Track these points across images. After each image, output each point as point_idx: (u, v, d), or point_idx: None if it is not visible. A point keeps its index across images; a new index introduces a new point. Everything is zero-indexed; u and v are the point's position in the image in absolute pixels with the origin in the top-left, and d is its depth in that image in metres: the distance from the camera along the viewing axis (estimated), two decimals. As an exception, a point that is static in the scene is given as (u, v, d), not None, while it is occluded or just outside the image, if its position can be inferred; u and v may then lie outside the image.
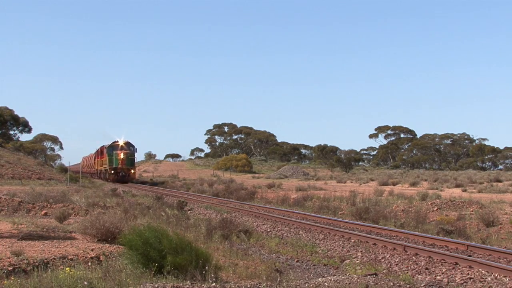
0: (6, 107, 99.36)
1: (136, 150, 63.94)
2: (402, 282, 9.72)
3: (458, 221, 19.66)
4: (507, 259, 12.70)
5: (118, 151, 61.22)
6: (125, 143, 62.28)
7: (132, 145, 62.98)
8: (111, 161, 61.62)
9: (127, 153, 61.12)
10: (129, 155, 61.52)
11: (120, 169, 60.75)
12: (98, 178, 73.65)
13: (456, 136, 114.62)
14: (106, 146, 65.16)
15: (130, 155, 61.97)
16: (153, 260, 9.99)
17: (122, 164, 60.52)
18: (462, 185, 47.53)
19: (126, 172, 60.91)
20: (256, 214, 23.24)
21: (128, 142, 62.38)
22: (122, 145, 61.69)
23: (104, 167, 66.01)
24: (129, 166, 61.37)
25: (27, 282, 9.10)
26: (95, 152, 76.74)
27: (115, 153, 61.10)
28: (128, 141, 62.54)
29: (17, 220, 17.38)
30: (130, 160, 61.88)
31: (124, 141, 62.37)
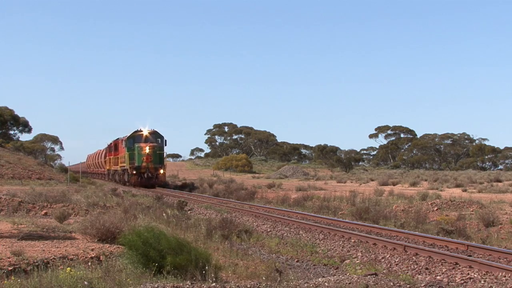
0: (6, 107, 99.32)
1: (166, 142, 48.50)
2: (402, 282, 9.72)
3: (458, 221, 19.66)
4: (507, 259, 12.70)
5: (142, 143, 46.49)
6: (151, 132, 47.81)
7: (160, 136, 48.26)
8: (132, 158, 46.70)
9: (154, 147, 46.24)
10: (157, 149, 46.51)
11: (144, 168, 46.00)
12: (110, 180, 59.52)
13: (456, 136, 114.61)
14: (123, 138, 50.54)
15: (159, 149, 46.87)
16: (153, 260, 9.99)
17: (147, 161, 45.90)
18: (462, 185, 47.52)
19: (153, 173, 46.13)
20: (256, 214, 23.24)
21: (155, 132, 48.03)
22: (147, 135, 47.31)
23: (121, 166, 51.33)
24: (157, 164, 46.36)
25: (27, 282, 9.10)
26: (106, 148, 62.57)
27: (137, 146, 46.21)
28: (155, 130, 48.18)
29: (17, 220, 17.37)
30: (159, 156, 46.73)
31: (150, 130, 47.95)
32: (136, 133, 47.89)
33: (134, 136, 47.83)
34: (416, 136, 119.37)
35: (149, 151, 45.85)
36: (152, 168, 46.22)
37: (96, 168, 77.45)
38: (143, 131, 47.80)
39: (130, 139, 47.75)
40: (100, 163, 71.14)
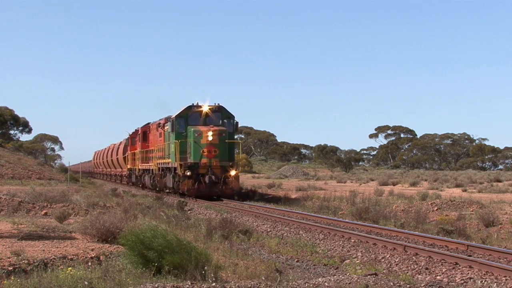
0: (6, 107, 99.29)
1: (237, 126, 32.58)
2: (402, 282, 9.72)
3: (458, 221, 19.65)
4: (507, 259, 12.70)
5: (200, 126, 30.62)
6: (216, 109, 31.70)
7: (229, 115, 32.06)
8: (183, 151, 30.80)
9: (222, 132, 30.31)
10: (226, 135, 30.53)
11: (205, 167, 29.93)
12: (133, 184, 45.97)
13: (456, 136, 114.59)
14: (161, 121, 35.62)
15: (228, 136, 30.84)
16: (152, 260, 9.99)
17: (210, 155, 29.94)
18: (462, 185, 47.52)
19: (220, 175, 29.98)
20: (256, 214, 23.24)
21: (221, 108, 31.89)
22: (207, 112, 31.29)
23: (159, 163, 35.53)
24: (225, 160, 30.28)
25: (27, 282, 9.10)
26: (126, 140, 48.15)
27: (193, 131, 30.19)
28: (221, 105, 32.00)
29: (17, 220, 17.37)
30: (228, 147, 30.73)
31: (213, 105, 31.72)
32: (191, 110, 31.36)
33: (186, 114, 31.22)
34: (416, 136, 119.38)
35: (213, 138, 29.67)
36: (217, 168, 29.91)
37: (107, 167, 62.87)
38: (203, 106, 31.20)
39: (180, 118, 31.29)
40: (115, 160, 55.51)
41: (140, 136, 42.63)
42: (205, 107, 31.47)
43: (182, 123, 31.44)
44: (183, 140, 30.88)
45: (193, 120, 31.41)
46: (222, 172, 30.11)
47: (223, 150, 30.27)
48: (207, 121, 31.25)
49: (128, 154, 47.89)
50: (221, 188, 30.08)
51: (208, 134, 29.86)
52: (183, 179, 30.51)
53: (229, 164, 30.41)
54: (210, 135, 29.85)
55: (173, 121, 31.69)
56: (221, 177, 30.04)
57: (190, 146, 30.52)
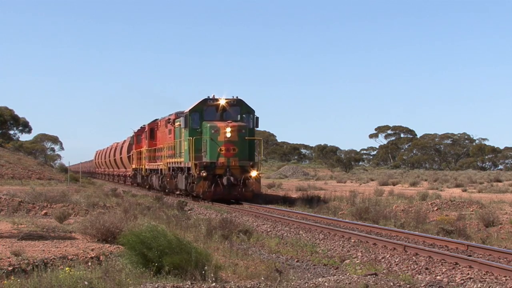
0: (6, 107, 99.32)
1: (258, 121, 29.48)
2: (402, 282, 9.72)
3: (458, 221, 19.65)
4: (507, 259, 12.70)
5: (217, 121, 27.94)
6: (234, 102, 28.91)
7: (248, 109, 29.21)
8: (198, 149, 27.95)
9: (241, 128, 27.71)
10: (246, 131, 28.01)
11: (223, 166, 27.32)
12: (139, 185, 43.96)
13: (456, 136, 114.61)
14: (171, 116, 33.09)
15: (249, 133, 28.43)
16: (151, 260, 9.99)
17: (228, 153, 27.29)
18: (462, 185, 47.55)
19: (239, 176, 27.34)
20: (256, 214, 23.23)
21: (239, 102, 29.05)
22: (224, 106, 28.55)
23: (169, 162, 32.84)
24: (245, 160, 27.67)
25: (27, 282, 9.11)
26: (131, 138, 45.48)
27: (209, 127, 27.53)
28: (240, 98, 29.10)
29: (17, 220, 17.38)
30: (249, 145, 28.25)
31: (231, 98, 28.99)
32: (206, 104, 28.49)
33: (201, 108, 28.46)
34: (416, 136, 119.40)
35: (232, 135, 26.99)
36: (236, 168, 27.22)
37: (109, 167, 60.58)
38: (219, 100, 28.40)
39: (195, 113, 28.45)
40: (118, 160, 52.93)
41: (147, 133, 39.84)
42: (222, 100, 28.59)
43: (196, 118, 28.63)
44: (198, 137, 28.00)
45: (209, 115, 28.54)
46: (242, 173, 27.41)
47: (242, 148, 27.65)
48: (225, 116, 28.40)
49: (133, 153, 44.97)
50: (240, 190, 27.43)
51: (226, 130, 27.14)
52: (197, 181, 27.65)
53: (250, 164, 27.74)
54: (228, 132, 27.10)
55: (187, 116, 28.72)
56: (240, 178, 27.36)
57: (205, 143, 27.81)
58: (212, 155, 27.53)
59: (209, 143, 27.59)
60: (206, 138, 27.71)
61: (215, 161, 27.44)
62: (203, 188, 27.58)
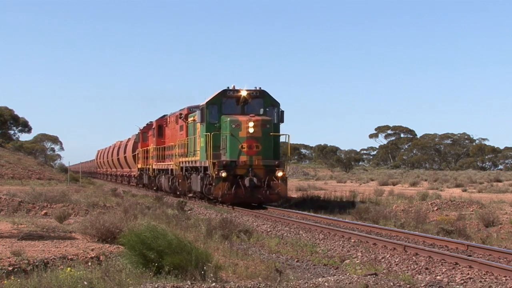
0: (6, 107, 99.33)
1: (283, 116, 26.37)
2: (402, 282, 9.72)
3: (458, 221, 19.66)
4: (507, 259, 12.70)
5: (238, 115, 25.20)
6: (256, 94, 26.02)
7: (273, 101, 26.31)
8: (216, 146, 25.28)
9: (265, 123, 24.88)
10: (270, 127, 25.08)
11: (245, 166, 24.60)
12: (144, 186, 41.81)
13: (456, 136, 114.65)
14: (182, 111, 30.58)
15: (274, 129, 25.54)
16: (152, 260, 9.99)
17: (251, 151, 24.61)
18: (462, 185, 47.59)
19: (263, 177, 24.60)
20: (256, 214, 23.21)
21: (263, 93, 26.12)
22: (245, 98, 25.72)
23: (184, 162, 29.53)
24: (269, 158, 24.93)
25: (27, 282, 9.11)
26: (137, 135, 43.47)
27: (229, 121, 24.79)
28: (263, 89, 26.16)
29: (17, 220, 17.39)
30: (274, 142, 25.61)
31: (253, 89, 26.08)
32: (225, 95, 25.66)
33: (220, 100, 25.63)
34: (416, 136, 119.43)
35: (255, 130, 24.31)
36: (260, 167, 24.57)
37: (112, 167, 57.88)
38: (240, 91, 25.54)
39: (212, 106, 25.67)
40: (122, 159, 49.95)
41: (155, 130, 36.87)
42: (244, 91, 25.61)
43: (214, 112, 25.67)
44: (216, 133, 25.16)
45: (229, 108, 25.64)
46: (266, 173, 24.61)
47: (267, 145, 24.82)
48: (246, 109, 25.60)
49: (138, 152, 42.25)
50: (265, 193, 24.51)
51: (248, 125, 24.22)
52: (216, 182, 24.58)
53: (275, 163, 24.92)
54: (251, 126, 24.25)
55: (203, 109, 25.69)
56: (264, 179, 24.54)
57: (225, 140, 24.96)
58: (232, 153, 24.69)
59: (229, 140, 24.69)
60: (226, 133, 24.88)
61: (236, 160, 24.61)
62: (222, 190, 24.54)
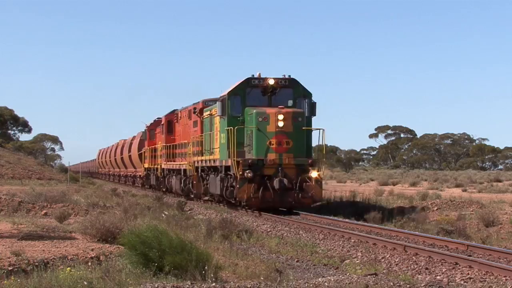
0: (6, 107, 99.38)
1: (315, 108, 23.28)
2: (402, 282, 9.72)
3: (458, 221, 19.65)
4: (507, 259, 12.70)
5: (265, 107, 22.27)
6: (286, 83, 23.02)
7: (304, 91, 23.19)
8: (240, 143, 22.21)
9: (297, 115, 21.98)
10: (302, 120, 22.17)
11: (273, 164, 21.53)
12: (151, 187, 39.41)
13: (456, 136, 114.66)
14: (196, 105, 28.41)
15: (306, 122, 22.66)
16: (152, 260, 10.00)
17: (281, 148, 21.59)
18: (462, 185, 47.60)
19: (295, 178, 21.55)
20: (256, 214, 23.21)
21: (293, 82, 23.13)
22: (273, 86, 22.73)
23: (200, 161, 26.86)
24: (301, 156, 21.93)
25: (27, 282, 9.11)
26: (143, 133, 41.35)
27: (256, 114, 21.80)
28: (293, 77, 23.18)
29: (17, 220, 17.40)
30: (306, 136, 22.66)
31: (282, 77, 23.11)
32: (249, 85, 22.82)
33: (243, 90, 22.84)
34: (416, 136, 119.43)
35: (285, 124, 21.50)
36: (291, 167, 21.64)
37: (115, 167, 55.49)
38: (267, 79, 22.61)
39: (235, 96, 22.77)
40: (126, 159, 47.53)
41: (164, 127, 34.16)
42: (271, 80, 22.57)
43: (237, 103, 22.71)
44: (240, 127, 22.20)
45: (254, 99, 22.70)
46: (298, 174, 21.56)
47: (299, 141, 21.81)
48: (274, 100, 22.57)
49: (145, 151, 39.51)
50: (296, 196, 21.49)
51: (278, 117, 21.35)
52: (240, 184, 21.46)
53: (308, 162, 21.90)
54: (280, 120, 21.35)
55: (225, 101, 22.71)
56: (296, 180, 21.45)
57: (250, 135, 21.99)
58: (259, 150, 21.64)
59: (256, 135, 21.67)
60: (251, 128, 21.82)
61: (263, 158, 21.54)
62: (248, 193, 21.32)
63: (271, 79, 22.74)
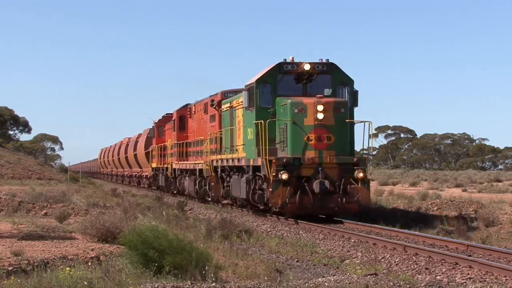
0: (6, 107, 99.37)
1: (357, 97, 20.45)
2: (402, 282, 9.72)
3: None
4: (507, 259, 12.70)
5: (302, 97, 19.32)
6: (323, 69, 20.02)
7: (345, 80, 20.37)
8: (271, 139, 19.21)
9: (338, 106, 19.10)
10: (344, 112, 19.16)
11: (312, 164, 18.51)
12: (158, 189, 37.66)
13: (456, 136, 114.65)
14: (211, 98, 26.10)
15: (350, 113, 19.84)
16: (152, 260, 10.00)
17: (321, 145, 18.68)
18: (462, 185, 47.58)
19: (338, 180, 18.57)
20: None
21: (332, 67, 20.20)
22: (309, 72, 19.73)
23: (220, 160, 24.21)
24: (345, 153, 19.16)
25: (27, 282, 9.11)
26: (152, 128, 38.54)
27: (290, 104, 18.94)
28: (331, 62, 20.26)
29: (17, 220, 17.41)
30: (350, 130, 19.85)
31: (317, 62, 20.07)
32: (281, 71, 20.12)
33: (274, 77, 20.12)
34: (416, 136, 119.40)
35: (326, 116, 18.79)
36: (334, 167, 18.88)
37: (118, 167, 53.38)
38: (302, 64, 19.86)
39: (264, 85, 20.08)
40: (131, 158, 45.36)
41: (175, 122, 31.57)
42: (306, 65, 19.73)
43: (267, 93, 19.99)
44: (272, 120, 19.50)
45: (286, 87, 19.93)
46: (341, 174, 18.74)
47: (342, 136, 19.12)
48: (309, 89, 19.84)
49: (153, 149, 37.12)
50: (340, 201, 18.63)
51: (317, 108, 18.61)
52: (274, 187, 18.47)
53: (353, 161, 19.10)
54: (320, 111, 18.60)
55: (253, 90, 19.97)
56: (339, 182, 18.67)
57: (284, 130, 19.27)
58: (295, 147, 18.91)
59: (291, 129, 18.96)
60: (285, 121, 19.13)
61: (301, 157, 18.71)
62: (283, 198, 18.42)
63: (307, 63, 19.80)
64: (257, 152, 19.68)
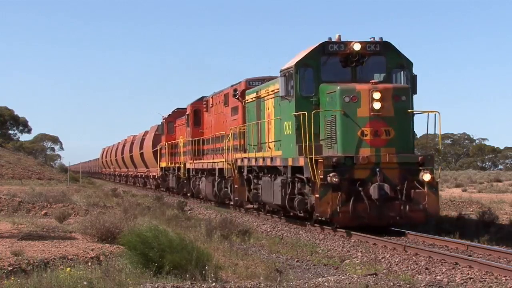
0: (6, 107, 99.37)
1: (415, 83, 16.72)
2: (402, 282, 9.72)
3: (458, 221, 19.63)
4: (507, 259, 12.70)
5: (352, 83, 15.92)
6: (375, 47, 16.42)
7: (402, 62, 16.63)
8: (315, 134, 15.75)
9: (398, 92, 15.56)
10: (405, 101, 15.53)
11: (368, 163, 15.12)
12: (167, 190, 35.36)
13: (456, 136, 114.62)
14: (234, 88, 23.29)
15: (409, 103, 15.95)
16: (152, 260, 10.00)
17: (378, 141, 15.29)
18: (462, 185, 47.57)
19: (399, 183, 15.22)
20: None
21: (386, 45, 16.62)
22: (359, 53, 16.23)
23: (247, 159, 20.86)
24: (408, 151, 15.79)
25: (27, 282, 9.11)
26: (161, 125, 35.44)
27: (340, 91, 15.45)
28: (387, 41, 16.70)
29: (17, 220, 17.41)
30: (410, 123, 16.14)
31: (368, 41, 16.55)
32: (326, 52, 16.60)
33: (317, 60, 16.66)
34: (416, 136, 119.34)
35: (383, 105, 15.35)
36: (394, 167, 15.55)
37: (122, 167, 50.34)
38: (350, 44, 16.39)
39: (305, 68, 16.69)
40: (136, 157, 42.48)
41: (190, 117, 28.66)
42: (356, 44, 16.39)
43: (308, 78, 16.76)
44: (317, 111, 16.28)
45: (332, 72, 16.63)
46: (403, 177, 15.62)
47: (403, 130, 15.97)
48: (360, 73, 16.66)
49: (162, 147, 34.29)
50: (403, 209, 15.53)
51: (373, 96, 15.33)
52: (322, 192, 15.38)
53: (418, 160, 15.85)
54: (377, 99, 15.33)
55: (291, 75, 16.76)
56: (401, 186, 15.51)
57: (332, 123, 16.09)
58: (346, 143, 15.75)
59: (341, 122, 15.75)
60: (334, 112, 15.91)
61: (354, 155, 15.55)
62: (333, 206, 15.37)
63: (357, 43, 16.41)
64: (298, 150, 16.41)
